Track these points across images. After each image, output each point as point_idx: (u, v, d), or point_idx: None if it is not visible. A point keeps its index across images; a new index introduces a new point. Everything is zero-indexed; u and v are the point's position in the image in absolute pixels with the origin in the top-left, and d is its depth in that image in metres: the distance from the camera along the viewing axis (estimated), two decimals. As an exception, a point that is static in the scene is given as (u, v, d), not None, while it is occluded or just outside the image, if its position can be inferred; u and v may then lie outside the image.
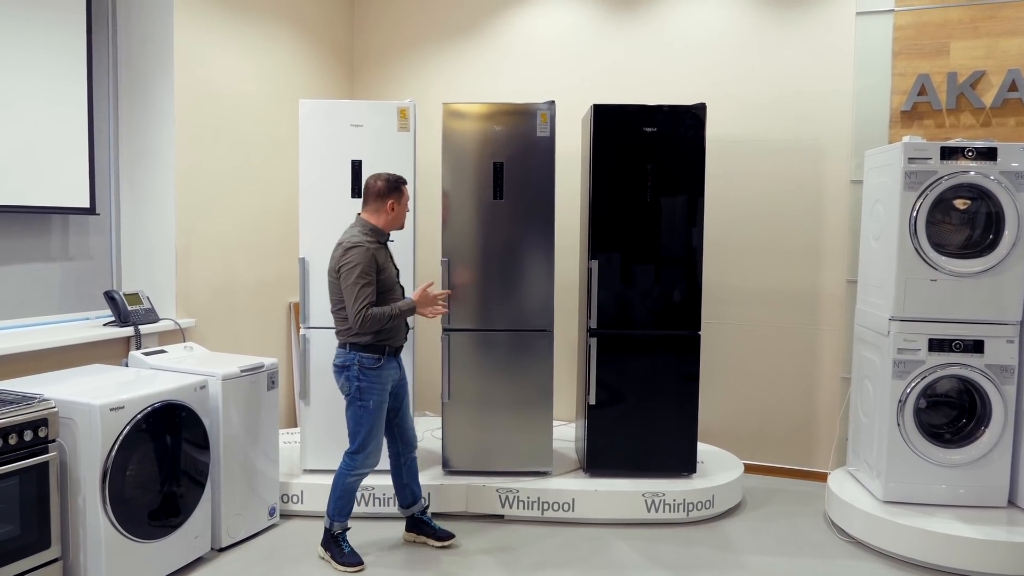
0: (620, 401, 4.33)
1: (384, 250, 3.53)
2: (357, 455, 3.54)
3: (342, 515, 3.61)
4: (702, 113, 4.23)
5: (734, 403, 5.06)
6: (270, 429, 3.98)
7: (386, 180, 3.52)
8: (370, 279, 3.37)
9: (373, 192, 3.53)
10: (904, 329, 3.86)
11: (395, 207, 3.53)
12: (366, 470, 3.57)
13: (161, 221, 4.26)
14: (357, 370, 3.48)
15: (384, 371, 3.52)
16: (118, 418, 3.13)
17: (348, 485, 3.58)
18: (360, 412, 3.51)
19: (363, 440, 3.52)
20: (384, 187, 3.51)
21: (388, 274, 3.50)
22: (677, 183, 4.27)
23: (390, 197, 3.52)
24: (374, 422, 3.52)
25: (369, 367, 3.48)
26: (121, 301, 3.97)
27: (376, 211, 3.53)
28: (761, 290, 4.97)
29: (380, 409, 3.53)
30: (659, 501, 4.13)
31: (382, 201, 3.52)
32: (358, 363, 3.48)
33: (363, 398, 3.49)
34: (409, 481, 3.83)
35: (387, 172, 3.62)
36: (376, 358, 3.49)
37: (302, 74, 5.27)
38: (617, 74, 5.16)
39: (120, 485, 3.15)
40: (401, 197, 3.55)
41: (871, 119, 4.65)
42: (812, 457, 4.91)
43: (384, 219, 3.53)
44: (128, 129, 4.27)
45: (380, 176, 3.55)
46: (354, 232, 3.49)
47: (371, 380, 3.48)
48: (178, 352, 4.00)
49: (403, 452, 3.79)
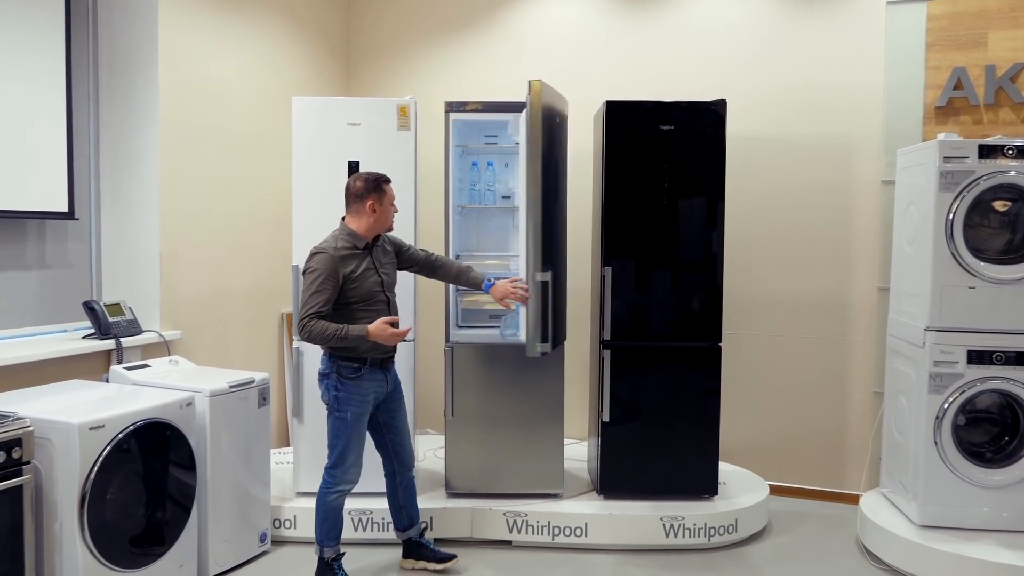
0: (636, 418, 4.30)
1: (363, 257, 3.49)
2: (335, 470, 3.53)
3: (331, 538, 3.59)
4: (722, 110, 4.21)
5: (758, 420, 5.03)
6: (261, 449, 3.95)
7: (364, 180, 3.50)
8: (324, 287, 3.36)
9: (353, 193, 3.51)
10: (941, 340, 3.83)
11: (376, 208, 3.49)
12: (346, 486, 3.55)
13: (144, 226, 4.26)
14: (335, 379, 3.48)
15: (364, 382, 3.50)
16: (98, 438, 3.11)
17: (330, 504, 3.55)
18: (338, 424, 3.50)
19: (340, 453, 3.51)
20: (362, 187, 3.49)
21: (364, 283, 3.47)
22: (696, 184, 4.25)
23: (369, 197, 3.48)
24: (351, 435, 3.50)
25: (347, 376, 3.47)
26: (101, 312, 3.96)
27: (357, 214, 3.51)
28: (786, 298, 4.94)
29: (359, 422, 3.52)
30: (678, 525, 4.10)
31: (361, 203, 3.49)
32: (336, 371, 3.48)
33: (340, 408, 3.49)
34: (405, 503, 3.81)
35: (368, 171, 3.61)
36: (355, 367, 3.48)
37: (295, 70, 5.27)
38: (632, 68, 5.15)
39: (100, 510, 3.13)
40: (383, 197, 3.52)
41: (903, 115, 4.62)
42: (843, 478, 4.88)
43: (366, 222, 3.50)
44: (109, 129, 4.27)
45: (359, 176, 3.54)
46: (328, 237, 3.50)
47: (349, 391, 3.48)
48: (162, 366, 3.99)
49: (399, 471, 3.77)
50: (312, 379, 4.23)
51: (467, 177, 4.60)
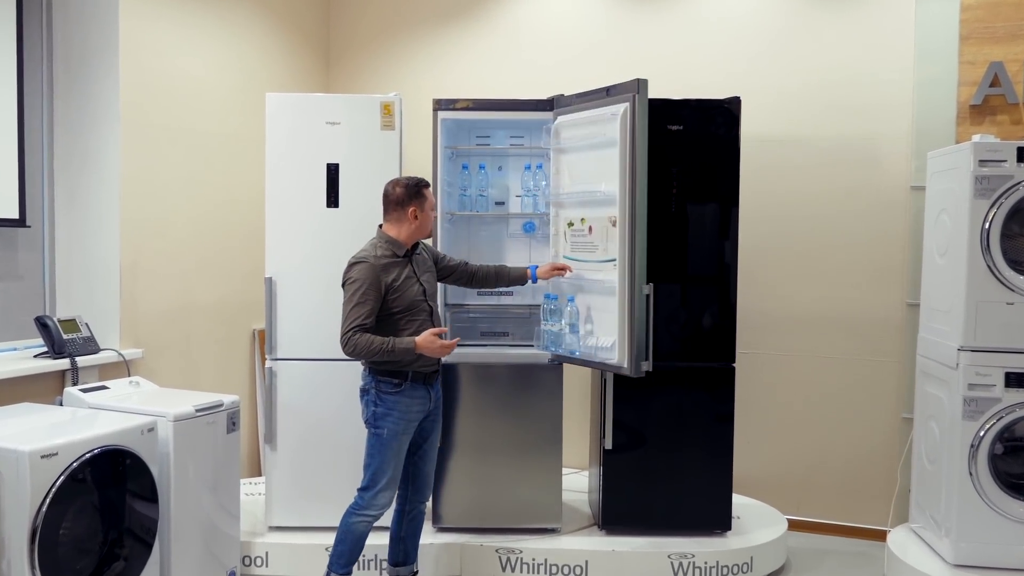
0: (641, 445, 4.30)
1: (403, 265, 3.60)
2: (366, 492, 3.60)
3: (341, 564, 3.62)
4: (736, 108, 4.23)
5: (775, 448, 5.02)
6: (230, 479, 3.94)
7: (405, 186, 3.62)
8: (367, 299, 3.46)
9: (393, 200, 3.63)
10: (976, 361, 3.84)
11: (418, 214, 3.62)
12: (375, 512, 3.61)
13: (103, 235, 4.25)
14: (375, 395, 3.57)
15: (405, 398, 3.58)
16: (50, 467, 3.09)
17: (352, 527, 3.61)
18: (374, 441, 3.59)
19: (373, 474, 3.58)
20: (403, 194, 3.61)
21: (407, 292, 3.57)
22: (707, 190, 4.26)
23: (411, 204, 3.61)
24: (388, 455, 3.57)
25: (387, 392, 3.56)
26: (55, 328, 3.95)
27: (398, 221, 3.63)
28: (806, 315, 4.94)
29: (396, 440, 3.59)
30: (688, 564, 4.09)
31: (403, 209, 3.61)
32: (376, 387, 3.57)
33: (377, 425, 3.57)
34: (407, 535, 3.85)
35: (405, 176, 3.72)
36: (395, 383, 3.56)
37: (269, 64, 5.28)
38: (636, 63, 5.15)
39: (52, 546, 3.10)
40: (424, 202, 3.65)
41: (934, 115, 4.64)
42: (868, 512, 4.87)
43: (407, 229, 3.63)
44: (65, 128, 4.27)
45: (398, 182, 3.65)
46: (366, 245, 3.61)
47: (388, 406, 3.56)
48: (122, 388, 3.98)
49: (411, 498, 3.82)
50: (287, 402, 4.26)
51: (457, 181, 4.61)
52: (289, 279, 4.24)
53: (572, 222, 4.15)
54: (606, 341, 3.95)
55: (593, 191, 3.97)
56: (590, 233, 4.05)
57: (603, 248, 3.97)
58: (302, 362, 4.26)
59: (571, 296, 4.09)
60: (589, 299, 4.07)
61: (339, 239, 4.11)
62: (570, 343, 4.12)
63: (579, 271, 4.09)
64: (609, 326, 3.94)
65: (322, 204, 4.25)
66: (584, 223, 4.08)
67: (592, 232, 4.04)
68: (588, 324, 4.07)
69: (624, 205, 3.83)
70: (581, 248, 4.11)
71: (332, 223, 4.23)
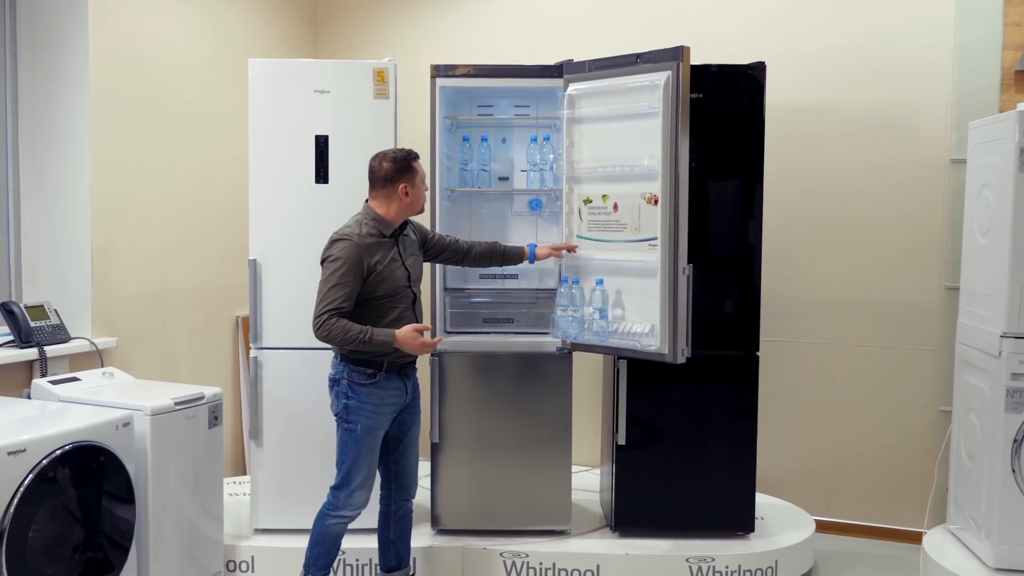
0: (657, 441, 4.31)
1: (389, 246, 3.59)
2: (339, 491, 3.60)
3: (318, 567, 3.64)
4: (761, 75, 4.21)
5: (803, 443, 5.03)
6: (212, 478, 3.96)
7: (392, 160, 3.60)
8: (346, 280, 3.43)
9: (380, 177, 3.61)
10: (1020, 348, 3.84)
11: (409, 191, 3.60)
12: (350, 512, 3.61)
13: (73, 214, 4.25)
14: (346, 386, 3.56)
15: (380, 390, 3.57)
16: (18, 464, 3.09)
17: (327, 529, 3.62)
18: (346, 437, 3.58)
19: (347, 471, 3.58)
20: (391, 169, 3.58)
21: (391, 276, 3.56)
22: (729, 164, 4.25)
23: (401, 180, 3.59)
24: (362, 451, 3.57)
25: (360, 383, 3.55)
26: (22, 315, 3.95)
27: (387, 198, 3.61)
28: (836, 299, 4.94)
29: (370, 436, 3.59)
30: (707, 568, 4.10)
31: (392, 186, 3.59)
32: (347, 377, 3.55)
33: (350, 419, 3.56)
34: (396, 538, 3.85)
35: (392, 149, 3.69)
36: (369, 373, 3.55)
37: (252, 28, 5.27)
38: (652, 25, 5.15)
39: (21, 550, 3.11)
40: (415, 176, 3.63)
41: (976, 81, 4.62)
42: (902, 512, 4.88)
43: (397, 207, 3.61)
44: (30, 99, 4.26)
45: (385, 156, 3.62)
46: (350, 221, 3.59)
47: (361, 399, 3.55)
48: (95, 380, 3.98)
49: (396, 498, 3.82)
50: (273, 394, 4.26)
51: (457, 155, 4.60)
52: (275, 261, 4.23)
53: (590, 199, 4.12)
54: (642, 327, 3.93)
55: (630, 165, 3.93)
56: (615, 211, 4.02)
57: (634, 226, 3.94)
58: (289, 351, 4.25)
59: (599, 279, 4.06)
60: (618, 282, 4.05)
61: (329, 217, 4.08)
62: (599, 330, 4.05)
63: (593, 252, 4.06)
64: (644, 310, 3.92)
65: (310, 179, 4.24)
66: (607, 200, 4.04)
67: (618, 210, 4.01)
68: (618, 308, 4.04)
69: (668, 181, 3.80)
70: (603, 227, 4.07)
71: (321, 200, 4.22)
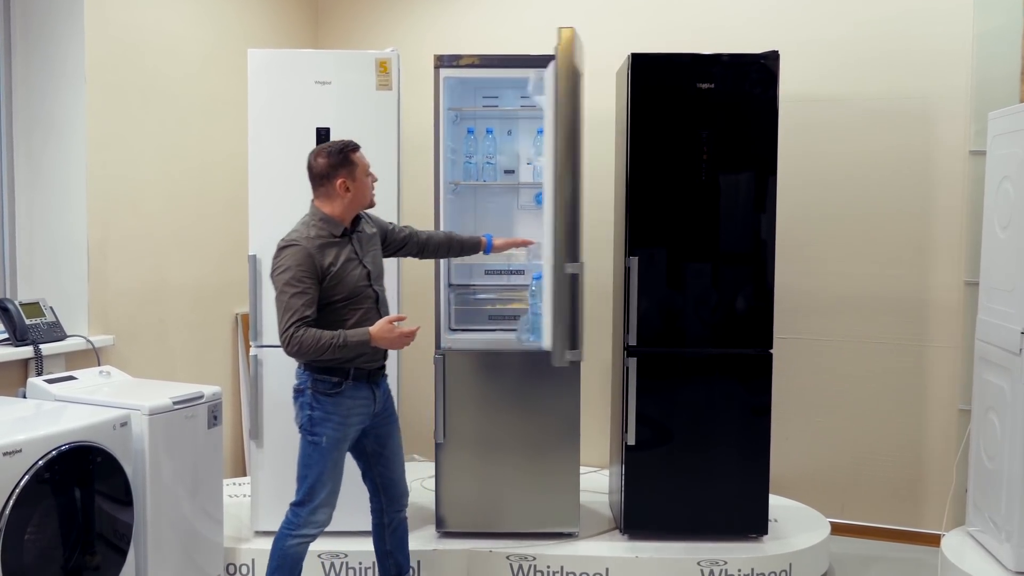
0: (667, 441, 4.31)
1: (342, 245, 3.47)
2: (301, 507, 3.49)
3: None
4: (774, 64, 4.21)
5: (817, 443, 5.03)
6: (212, 479, 3.96)
7: (327, 154, 3.46)
8: (304, 287, 3.31)
9: (316, 174, 3.47)
10: (1042, 346, 3.84)
11: (349, 186, 3.46)
12: (312, 530, 3.51)
13: (68, 209, 4.25)
14: (311, 396, 3.45)
15: (346, 400, 3.47)
16: (13, 465, 3.10)
17: (288, 551, 3.50)
18: (310, 450, 3.47)
19: (311, 487, 3.47)
20: (326, 164, 3.45)
21: (348, 276, 3.44)
22: (741, 156, 4.25)
23: (338, 175, 3.44)
24: (327, 466, 3.47)
25: (325, 393, 3.44)
26: (16, 313, 3.96)
27: (328, 196, 3.48)
28: (851, 295, 4.94)
29: (336, 449, 3.49)
30: (719, 571, 4.11)
31: (330, 183, 3.45)
32: (312, 387, 3.45)
33: (314, 431, 3.45)
34: (394, 548, 3.80)
35: (330, 142, 3.56)
36: (335, 382, 3.44)
37: (252, 18, 5.27)
38: (663, 12, 5.14)
39: (17, 553, 3.11)
40: (354, 169, 3.48)
41: (996, 71, 4.61)
42: (920, 514, 4.88)
43: (341, 204, 3.48)
44: (24, 92, 4.26)
45: (320, 151, 3.49)
46: (297, 225, 3.47)
47: (326, 410, 3.45)
48: (92, 379, 3.99)
49: (388, 510, 3.76)
50: (274, 393, 4.25)
51: (462, 147, 4.61)
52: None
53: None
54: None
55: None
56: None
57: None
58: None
59: (537, 275, 4.01)
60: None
61: (331, 212, 4.12)
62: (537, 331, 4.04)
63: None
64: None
65: (311, 173, 4.25)
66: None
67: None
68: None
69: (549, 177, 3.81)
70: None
71: (323, 195, 4.23)
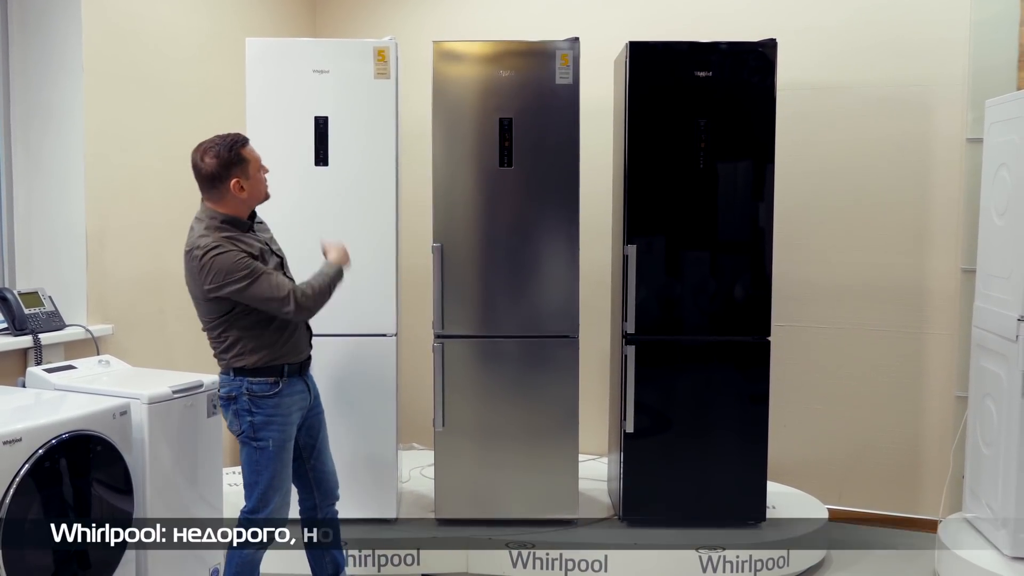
0: (666, 428, 4.32)
1: (251, 239, 3.35)
2: (256, 514, 3.40)
3: None
4: (772, 52, 4.20)
5: (815, 430, 5.04)
6: (212, 467, 3.96)
7: (216, 154, 3.23)
8: (261, 266, 3.23)
9: (205, 175, 3.27)
10: (1038, 332, 3.84)
11: (244, 184, 3.28)
12: (267, 536, 3.42)
13: (67, 198, 4.25)
14: (247, 401, 3.36)
15: (286, 399, 3.40)
16: (13, 454, 3.10)
17: (248, 560, 3.43)
18: (257, 456, 3.38)
19: (263, 494, 3.39)
20: (216, 165, 3.24)
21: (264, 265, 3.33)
22: (739, 144, 4.24)
23: (231, 175, 3.26)
24: (277, 468, 3.40)
25: (263, 395, 3.36)
26: (15, 302, 3.96)
27: (221, 198, 3.29)
28: (849, 283, 4.94)
29: (284, 451, 3.42)
30: (718, 558, 4.11)
31: (223, 184, 3.26)
32: (247, 392, 3.35)
33: (258, 437, 3.36)
34: (331, 546, 3.68)
35: (214, 139, 3.30)
36: (271, 383, 3.36)
37: (250, 6, 5.26)
38: (660, 0, 5.13)
39: (18, 541, 3.11)
40: (247, 166, 3.30)
41: (993, 58, 4.60)
42: (917, 501, 4.89)
43: (234, 204, 3.31)
44: (22, 81, 4.25)
45: (207, 150, 3.26)
46: (200, 231, 3.28)
47: (267, 413, 3.37)
48: (91, 368, 3.99)
49: (322, 505, 3.68)
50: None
51: (460, 136, 4.60)
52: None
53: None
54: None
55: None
56: None
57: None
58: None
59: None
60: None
61: (329, 200, 4.12)
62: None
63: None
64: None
65: (309, 162, 4.24)
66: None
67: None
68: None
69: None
70: None
71: (320, 182, 4.23)
